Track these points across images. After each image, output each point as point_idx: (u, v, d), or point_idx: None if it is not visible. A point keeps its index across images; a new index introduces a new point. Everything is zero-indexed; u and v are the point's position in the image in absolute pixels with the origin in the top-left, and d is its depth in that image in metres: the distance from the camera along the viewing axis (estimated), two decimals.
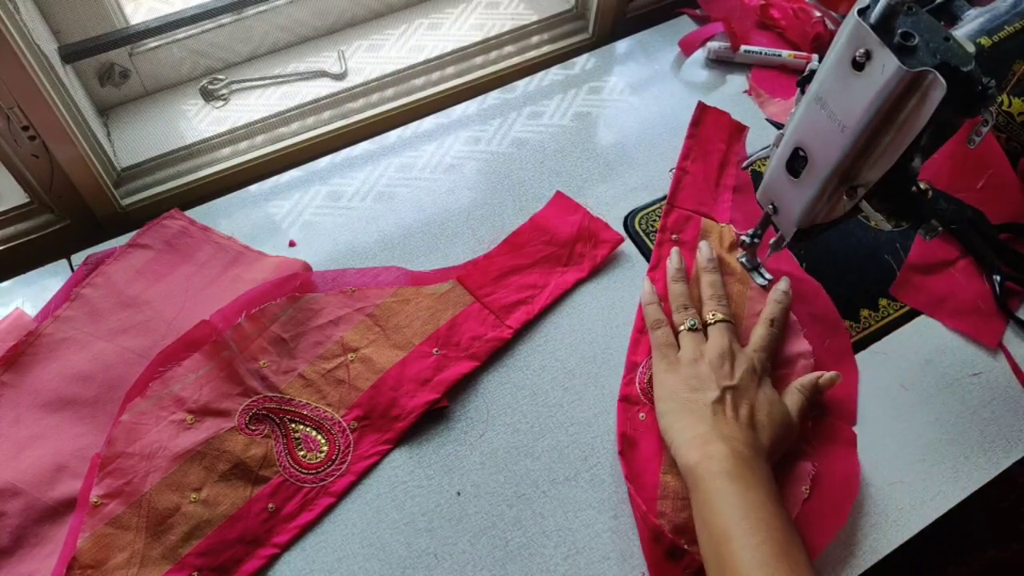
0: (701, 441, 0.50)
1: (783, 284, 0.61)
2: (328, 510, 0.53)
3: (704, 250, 0.62)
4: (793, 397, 0.55)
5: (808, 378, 0.57)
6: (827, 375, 0.57)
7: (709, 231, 0.66)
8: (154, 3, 0.86)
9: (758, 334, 0.58)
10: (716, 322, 0.57)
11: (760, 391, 0.54)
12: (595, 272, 0.64)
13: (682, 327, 0.58)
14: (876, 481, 0.55)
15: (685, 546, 0.51)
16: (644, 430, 0.56)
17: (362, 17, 0.84)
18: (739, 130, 0.73)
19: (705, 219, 0.67)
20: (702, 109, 0.73)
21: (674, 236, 0.66)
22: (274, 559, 0.51)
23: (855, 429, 0.57)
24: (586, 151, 0.72)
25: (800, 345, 0.60)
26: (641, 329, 0.61)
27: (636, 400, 0.58)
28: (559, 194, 0.68)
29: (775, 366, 0.58)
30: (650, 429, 0.56)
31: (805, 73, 0.52)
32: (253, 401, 0.56)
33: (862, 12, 0.44)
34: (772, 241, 0.60)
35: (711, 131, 0.72)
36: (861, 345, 0.62)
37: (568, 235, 0.65)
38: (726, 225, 0.67)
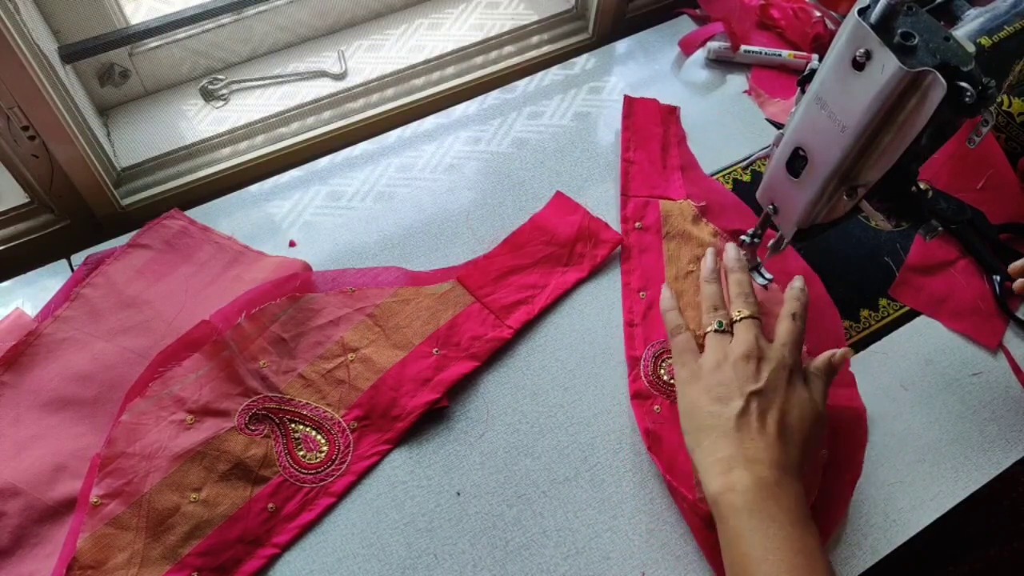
0: (724, 467, 0.48)
1: (798, 282, 0.59)
2: (328, 510, 0.53)
3: (731, 251, 0.61)
4: (815, 384, 0.53)
5: (821, 359, 0.55)
6: (839, 352, 0.55)
7: (669, 211, 0.67)
8: (154, 3, 0.86)
9: (783, 328, 0.55)
10: (742, 319, 0.55)
11: (791, 388, 0.52)
12: (595, 272, 0.64)
13: (709, 328, 0.56)
14: (876, 481, 0.55)
15: None
16: (663, 422, 0.56)
17: (362, 17, 0.84)
18: (671, 112, 0.74)
19: (662, 201, 0.67)
20: (629, 102, 0.74)
21: (637, 224, 0.66)
22: (274, 559, 0.51)
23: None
24: (586, 151, 0.72)
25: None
26: (630, 323, 0.61)
27: (647, 394, 0.58)
28: (559, 194, 0.68)
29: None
30: (669, 420, 0.56)
31: (805, 73, 0.52)
32: (253, 401, 0.56)
33: (862, 12, 0.44)
34: (771, 243, 0.60)
35: (643, 120, 0.73)
36: (861, 345, 0.62)
37: (568, 235, 0.65)
38: (684, 201, 0.67)
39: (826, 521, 0.53)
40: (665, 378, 0.58)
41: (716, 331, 0.55)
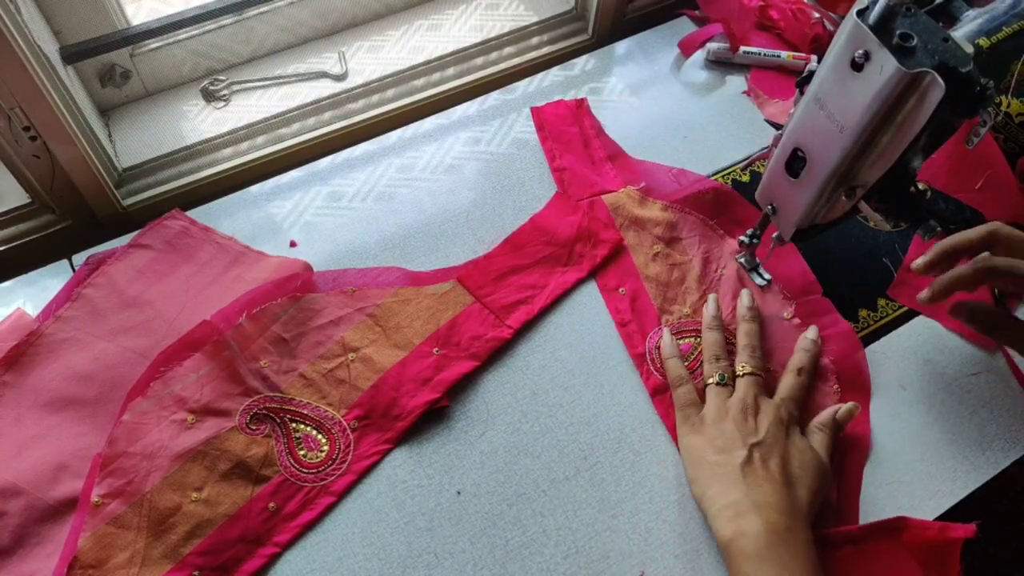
0: (733, 512, 0.49)
1: (811, 333, 0.60)
2: (329, 509, 0.53)
3: (744, 299, 0.61)
4: (817, 438, 0.54)
5: (826, 415, 0.55)
6: (844, 408, 0.55)
7: (615, 202, 0.67)
8: (155, 4, 0.86)
9: (785, 383, 0.57)
10: (744, 375, 0.56)
11: (789, 441, 0.52)
12: (595, 272, 0.65)
13: (710, 380, 0.57)
14: (875, 480, 0.55)
15: None
16: None
17: (362, 18, 0.84)
18: (579, 106, 0.74)
19: (604, 196, 0.68)
20: (536, 113, 0.74)
21: None
22: (275, 558, 0.52)
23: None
24: None
25: (826, 386, 0.59)
26: (622, 323, 0.62)
27: (664, 387, 0.58)
28: (558, 194, 0.68)
29: (805, 414, 0.57)
30: None
31: (804, 74, 0.52)
32: (254, 401, 0.56)
33: (861, 13, 0.44)
34: (773, 236, 0.61)
35: (557, 125, 0.73)
36: None
37: (568, 235, 0.65)
38: (624, 189, 0.68)
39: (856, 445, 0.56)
40: None
41: (717, 384, 0.56)
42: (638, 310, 0.62)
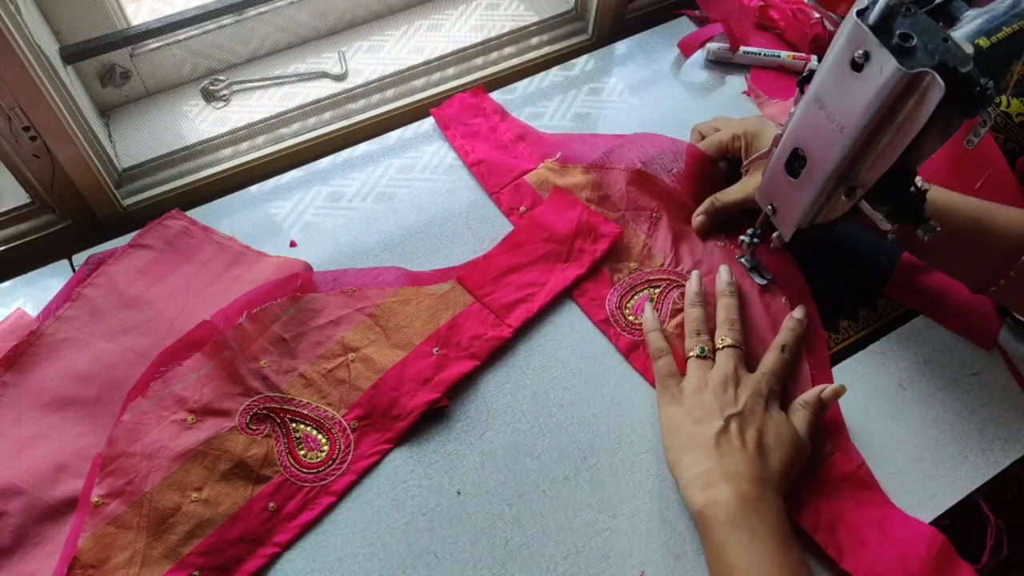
0: (705, 481, 0.50)
1: (798, 312, 0.60)
2: (329, 509, 0.53)
3: (723, 275, 0.62)
4: (798, 415, 0.55)
5: (810, 393, 0.56)
6: (829, 388, 0.56)
7: (538, 179, 0.68)
8: (155, 4, 0.86)
9: (769, 358, 0.57)
10: (724, 347, 0.57)
11: (767, 414, 0.53)
12: (595, 269, 0.64)
13: (691, 353, 0.58)
14: (877, 479, 0.55)
15: None
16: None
17: (362, 18, 0.84)
18: (475, 95, 0.75)
19: (525, 176, 0.69)
20: (438, 114, 0.74)
21: (521, 209, 0.67)
22: (275, 558, 0.52)
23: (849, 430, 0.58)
24: None
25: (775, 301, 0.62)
26: (579, 294, 0.63)
27: (636, 344, 0.60)
28: (556, 190, 0.68)
29: (785, 390, 0.57)
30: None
31: (804, 73, 0.52)
32: (254, 401, 0.56)
33: (861, 13, 0.44)
34: (773, 236, 0.61)
35: (460, 120, 0.74)
36: (859, 345, 0.62)
37: (567, 231, 0.65)
38: (543, 164, 0.69)
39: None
40: (631, 317, 0.62)
41: (698, 356, 0.57)
42: (590, 275, 0.63)
